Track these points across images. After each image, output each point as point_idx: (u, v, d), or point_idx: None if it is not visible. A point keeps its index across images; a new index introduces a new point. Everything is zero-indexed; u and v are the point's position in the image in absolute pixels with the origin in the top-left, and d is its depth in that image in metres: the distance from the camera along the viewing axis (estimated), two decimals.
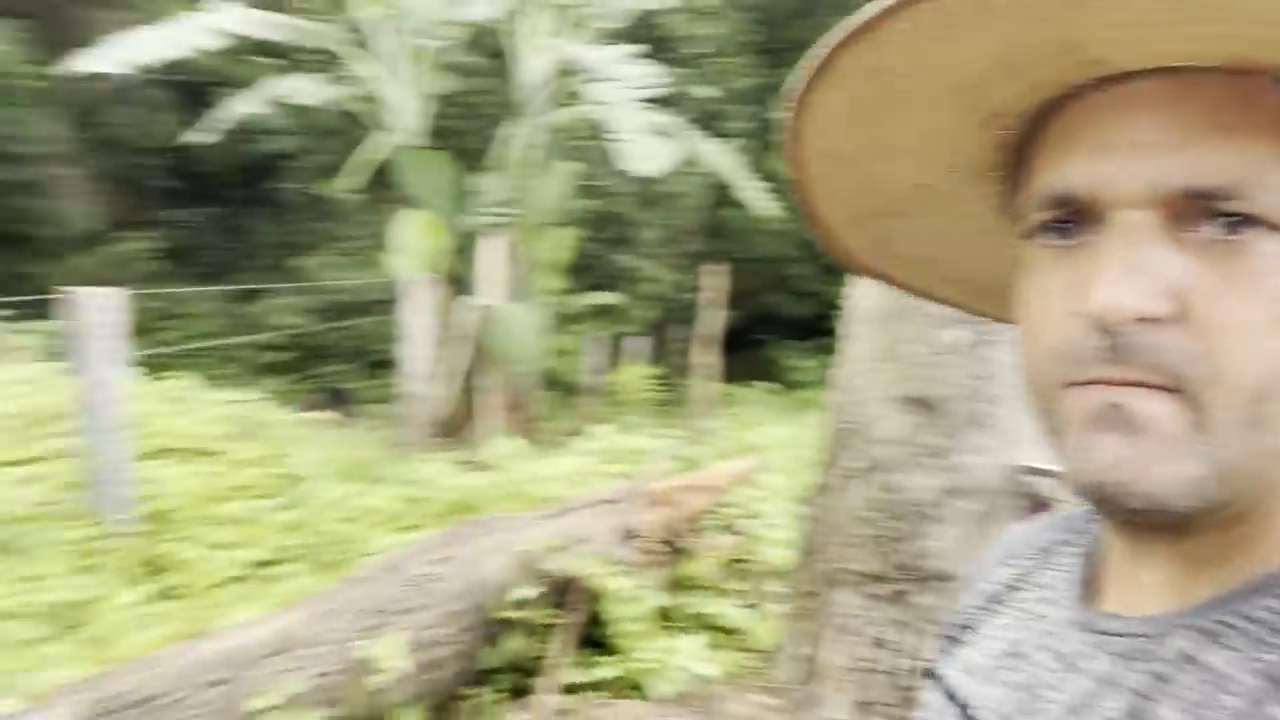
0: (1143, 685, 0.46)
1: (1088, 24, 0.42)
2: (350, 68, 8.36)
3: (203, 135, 9.85)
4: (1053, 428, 0.48)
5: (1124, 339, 0.43)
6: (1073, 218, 0.47)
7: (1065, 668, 0.52)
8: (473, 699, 3.05)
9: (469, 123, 11.89)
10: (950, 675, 0.62)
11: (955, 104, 0.49)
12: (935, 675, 0.64)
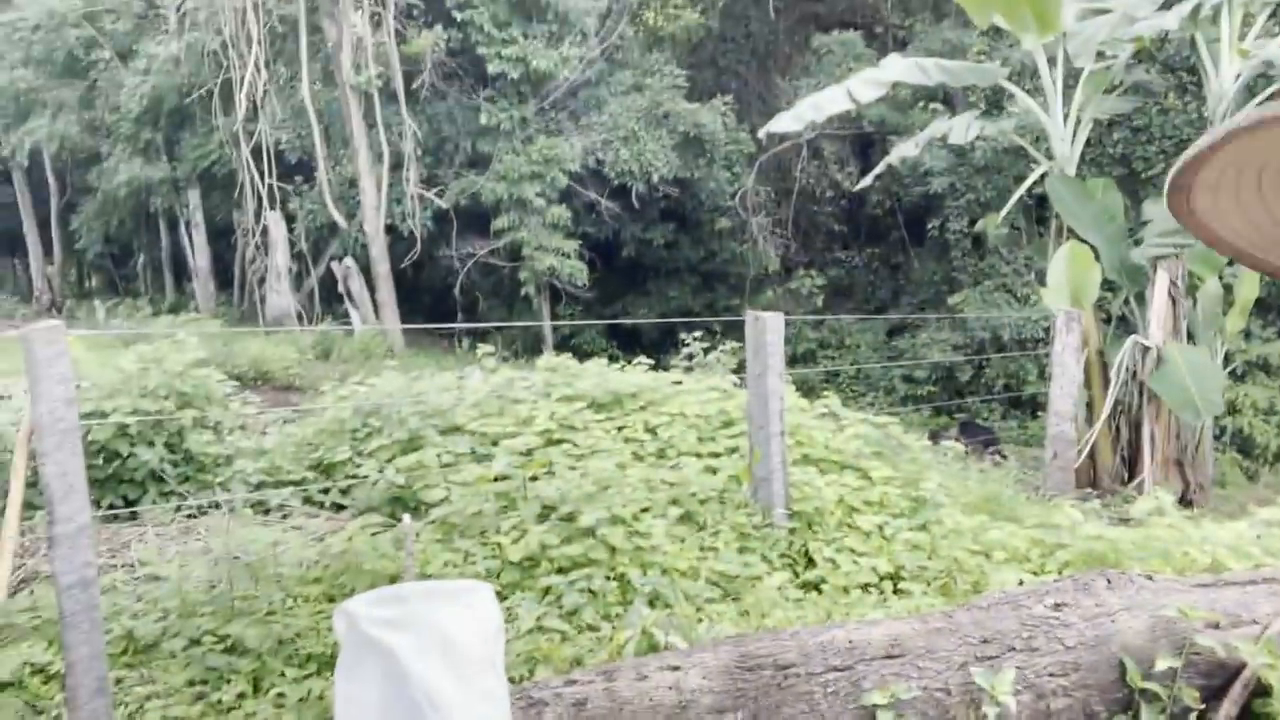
0: None
1: None
2: (1010, 102, 8.30)
3: (868, 181, 10.72)
4: None
5: None
6: None
7: None
8: None
9: (1139, 147, 10.82)
10: None
11: None
12: None
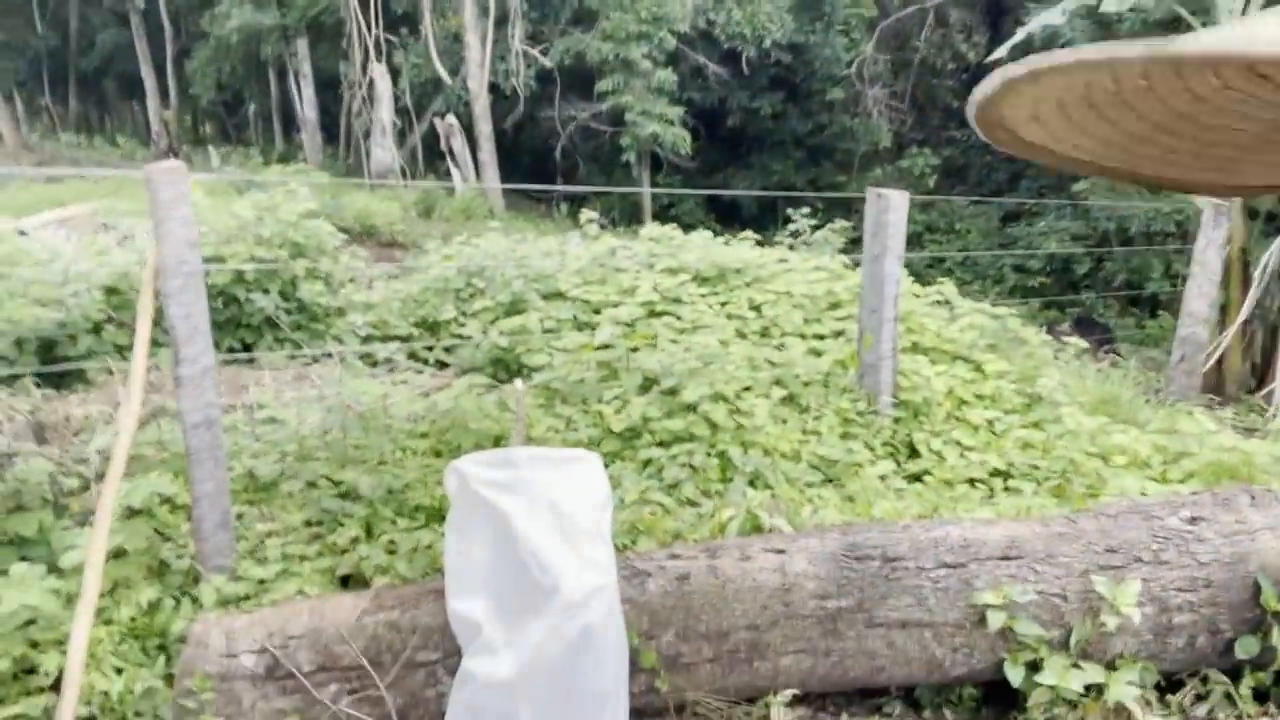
0: None
1: None
2: None
3: (1003, 52, 9.90)
4: None
5: None
6: None
7: None
8: (1210, 683, 2.70)
9: None
10: None
11: None
12: None
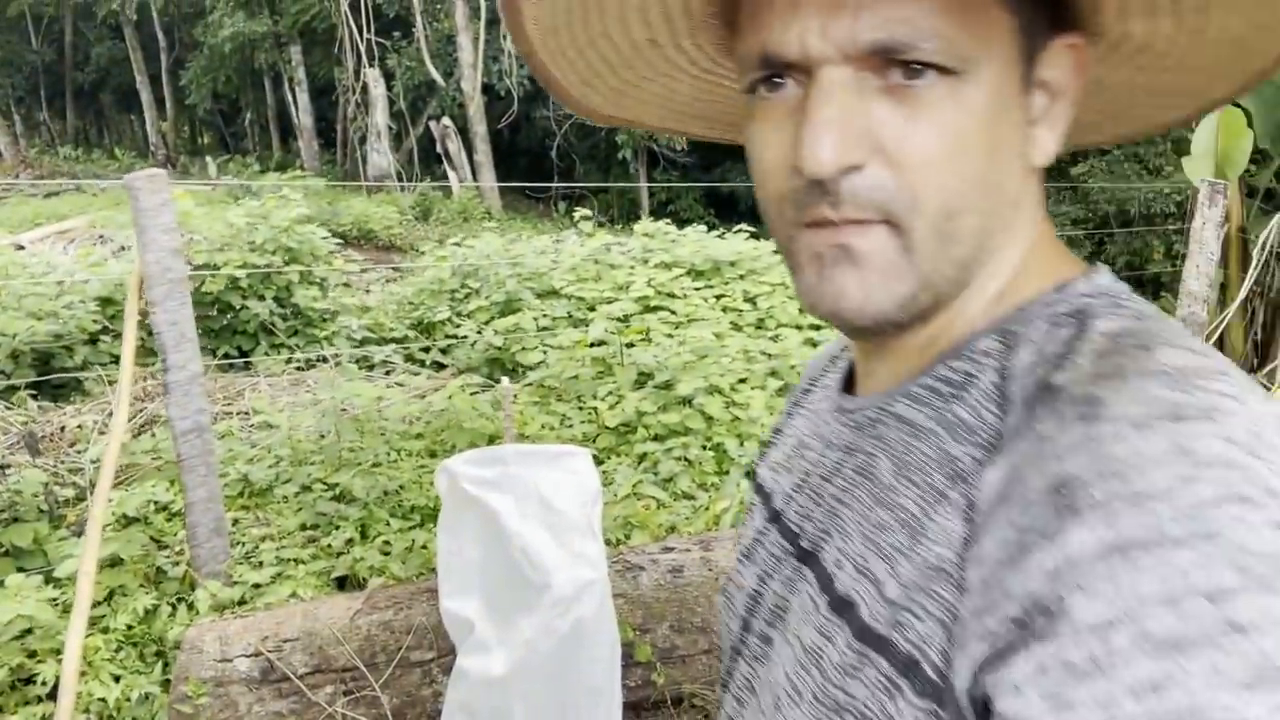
0: (869, 447, 0.58)
1: None
2: None
3: None
4: (791, 264, 0.55)
5: (834, 186, 0.50)
6: (781, 73, 0.52)
7: (825, 446, 0.64)
8: None
9: None
10: (761, 472, 0.75)
11: None
12: (753, 475, 0.78)
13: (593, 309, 5.03)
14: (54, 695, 2.35)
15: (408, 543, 2.89)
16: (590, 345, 4.39)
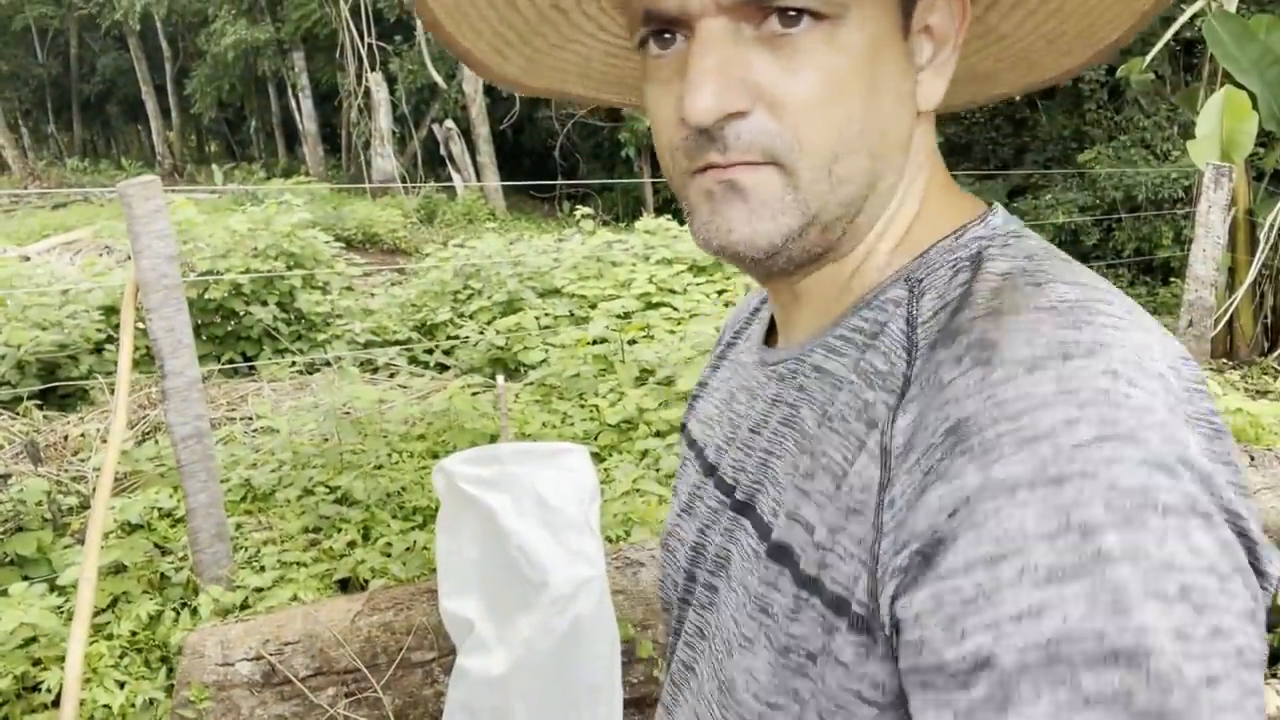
0: (792, 398, 0.61)
1: None
2: None
3: None
4: (686, 209, 0.58)
5: (720, 133, 0.53)
6: (667, 29, 0.54)
7: (751, 398, 0.67)
8: None
9: None
10: (692, 426, 0.77)
11: None
12: (684, 428, 0.80)
13: (594, 307, 5.03)
14: (59, 703, 2.36)
15: (409, 543, 2.89)
16: (591, 343, 4.38)
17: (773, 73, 0.52)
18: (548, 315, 4.99)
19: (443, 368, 5.06)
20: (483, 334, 4.89)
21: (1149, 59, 8.16)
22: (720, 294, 5.17)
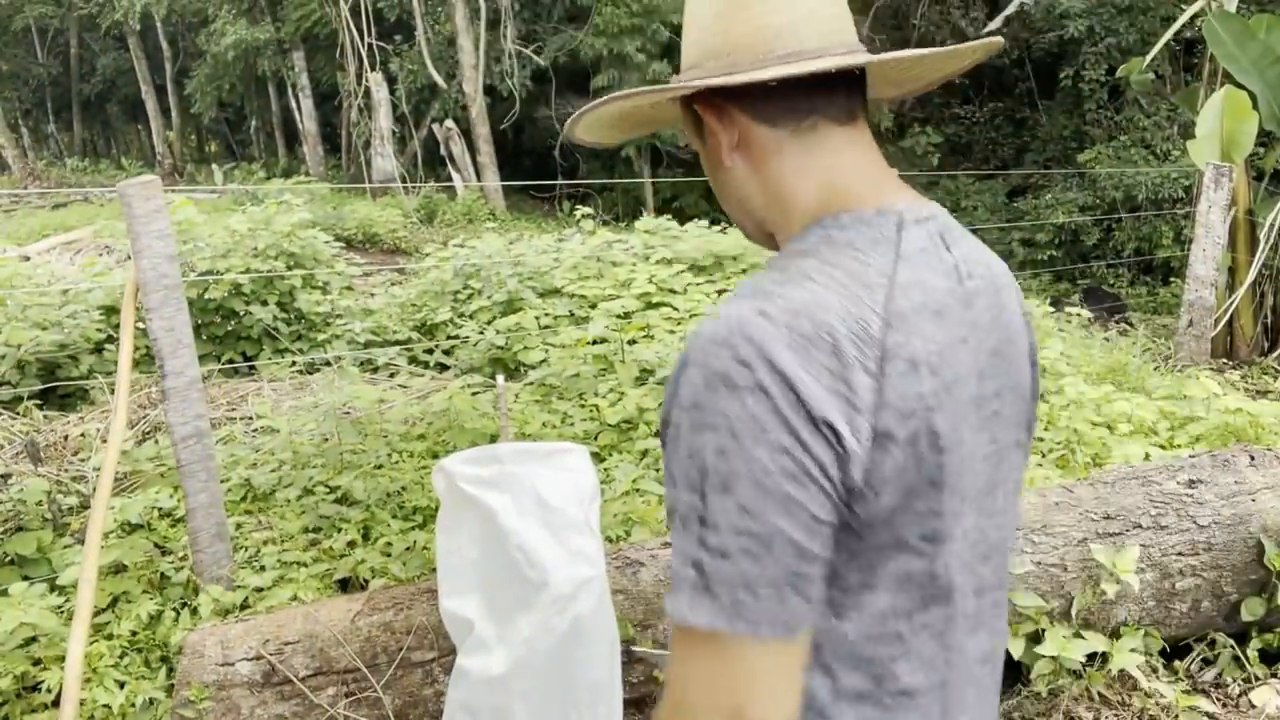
0: None
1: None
2: None
3: (996, 24, 9.82)
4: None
5: None
6: None
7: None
8: (1217, 647, 2.66)
9: None
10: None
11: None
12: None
13: (594, 306, 5.02)
14: (59, 703, 2.36)
15: (409, 543, 2.89)
16: (591, 343, 4.38)
17: None
18: (548, 315, 4.99)
19: (443, 368, 5.06)
20: (483, 334, 4.89)
21: (1149, 59, 8.16)
22: (720, 294, 5.16)
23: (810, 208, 0.91)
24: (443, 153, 15.90)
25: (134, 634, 2.61)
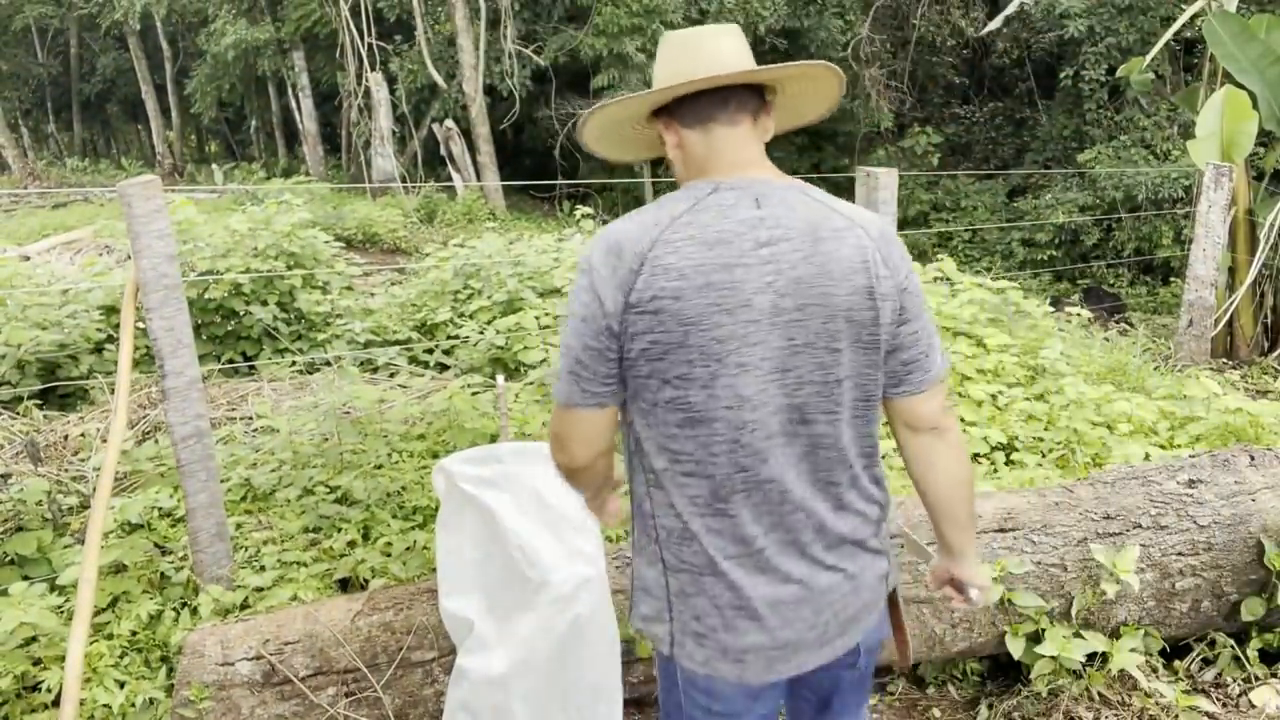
0: None
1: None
2: None
3: (997, 24, 9.82)
4: None
5: None
6: None
7: None
8: (1217, 647, 2.66)
9: None
10: None
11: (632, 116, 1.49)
12: None
13: None
14: (59, 702, 2.36)
15: (409, 543, 2.89)
16: None
17: None
18: (548, 315, 4.98)
19: (443, 367, 5.05)
20: (483, 334, 4.89)
21: (1149, 59, 8.16)
22: None
23: (692, 176, 1.43)
24: (443, 153, 15.90)
25: (134, 634, 2.61)
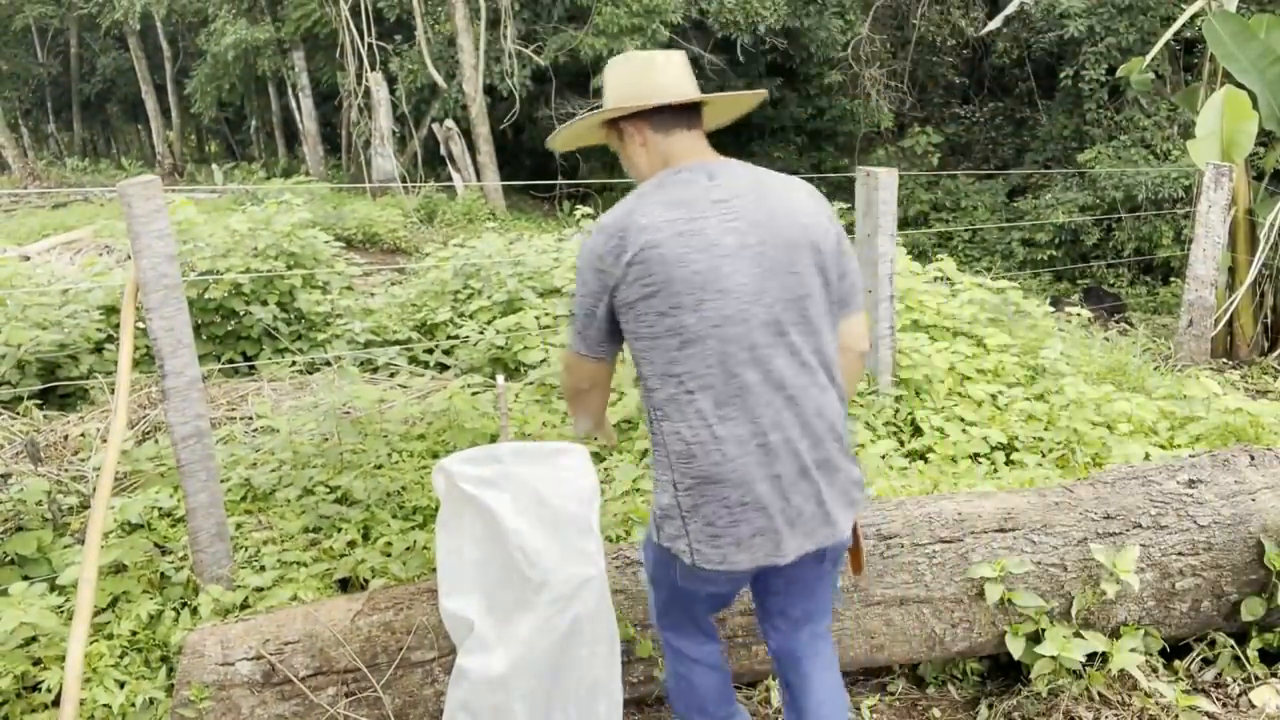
0: None
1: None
2: None
3: (997, 24, 9.81)
4: None
5: None
6: None
7: None
8: (1217, 647, 2.66)
9: None
10: None
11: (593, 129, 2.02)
12: None
13: None
14: (59, 702, 2.36)
15: (409, 543, 2.89)
16: None
17: None
18: (548, 315, 4.98)
19: (443, 367, 5.05)
20: (483, 334, 4.89)
21: (1149, 59, 8.15)
22: None
23: (659, 168, 1.88)
24: (443, 153, 15.89)
25: (134, 634, 2.61)
